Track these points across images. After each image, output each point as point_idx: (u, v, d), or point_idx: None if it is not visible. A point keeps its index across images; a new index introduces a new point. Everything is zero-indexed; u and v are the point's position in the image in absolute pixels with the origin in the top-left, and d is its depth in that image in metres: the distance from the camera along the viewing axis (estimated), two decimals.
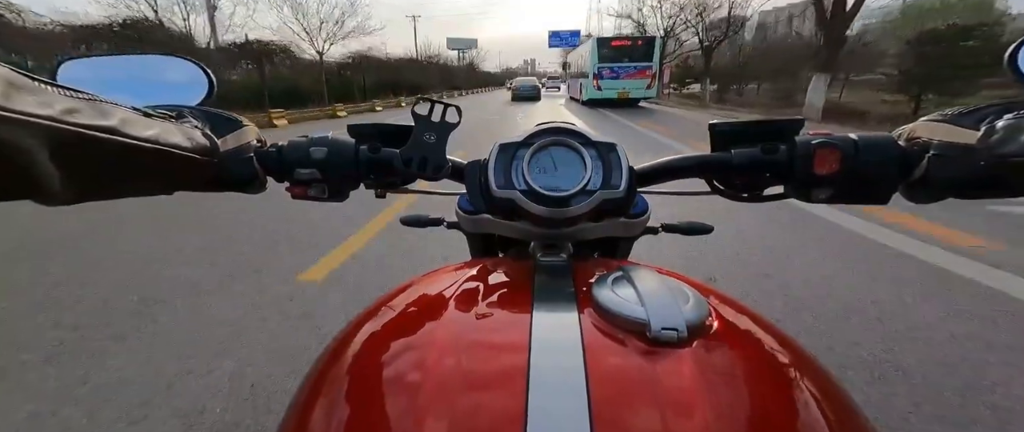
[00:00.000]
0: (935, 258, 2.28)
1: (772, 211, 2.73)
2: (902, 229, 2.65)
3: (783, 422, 0.27)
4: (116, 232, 2.93)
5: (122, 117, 0.27)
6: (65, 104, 0.23)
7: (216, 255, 2.55)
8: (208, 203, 3.21)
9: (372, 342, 0.35)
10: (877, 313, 1.81)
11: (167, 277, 2.26)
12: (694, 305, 0.32)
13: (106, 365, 1.57)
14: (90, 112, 0.25)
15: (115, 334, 1.76)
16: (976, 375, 1.43)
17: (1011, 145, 0.31)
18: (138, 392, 1.42)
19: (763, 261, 2.34)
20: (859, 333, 1.67)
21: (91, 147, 0.25)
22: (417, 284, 0.44)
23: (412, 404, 0.27)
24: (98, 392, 1.43)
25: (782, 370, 0.32)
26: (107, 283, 2.21)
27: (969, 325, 1.70)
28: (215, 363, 1.56)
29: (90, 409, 1.36)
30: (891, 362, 1.50)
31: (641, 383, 0.27)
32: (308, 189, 0.44)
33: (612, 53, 16.08)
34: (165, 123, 0.32)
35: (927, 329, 1.68)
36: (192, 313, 1.91)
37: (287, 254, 2.54)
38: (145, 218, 3.15)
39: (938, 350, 1.57)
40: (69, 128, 0.23)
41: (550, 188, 0.40)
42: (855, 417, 0.30)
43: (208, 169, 0.37)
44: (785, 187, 0.44)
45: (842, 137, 0.40)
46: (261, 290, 2.11)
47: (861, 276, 2.14)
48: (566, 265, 0.44)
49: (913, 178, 0.39)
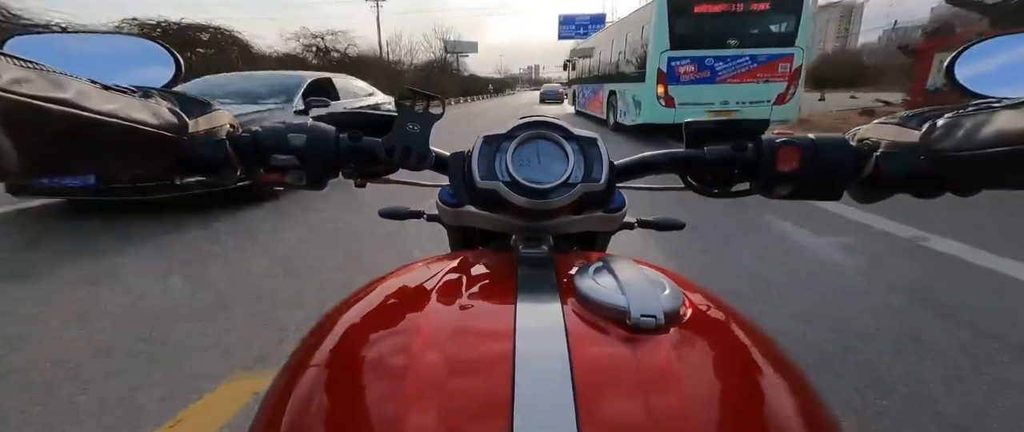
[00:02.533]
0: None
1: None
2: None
3: (751, 401, 0.29)
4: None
5: (78, 89, 0.26)
6: (13, 74, 0.22)
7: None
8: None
9: (352, 332, 0.34)
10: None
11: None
12: (670, 294, 0.33)
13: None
14: (42, 83, 0.24)
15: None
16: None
17: (948, 141, 0.34)
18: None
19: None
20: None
21: (43, 119, 0.24)
22: (398, 275, 0.43)
23: (397, 391, 0.27)
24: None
25: (749, 354, 0.34)
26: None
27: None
28: None
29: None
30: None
31: (622, 367, 0.28)
32: (284, 175, 0.43)
33: (699, 26, 7.27)
34: (128, 98, 0.31)
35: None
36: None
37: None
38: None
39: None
40: (18, 98, 0.22)
41: (533, 180, 0.41)
42: (813, 397, 0.31)
43: (175, 149, 0.36)
44: (751, 183, 0.46)
45: (802, 137, 0.43)
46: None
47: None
48: (548, 256, 0.44)
49: (863, 176, 0.41)
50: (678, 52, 7.29)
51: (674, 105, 7.47)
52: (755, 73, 7.30)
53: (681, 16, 7.20)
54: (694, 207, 3.08)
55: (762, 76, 7.31)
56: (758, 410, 0.28)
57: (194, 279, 2.29)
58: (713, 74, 7.36)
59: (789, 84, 7.27)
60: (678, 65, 7.35)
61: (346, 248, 2.74)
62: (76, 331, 1.79)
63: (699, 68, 7.35)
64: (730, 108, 7.47)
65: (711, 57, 7.28)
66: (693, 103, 7.45)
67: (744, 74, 7.33)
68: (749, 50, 7.21)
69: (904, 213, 3.06)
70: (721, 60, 7.29)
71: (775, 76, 7.28)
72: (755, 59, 7.24)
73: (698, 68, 7.35)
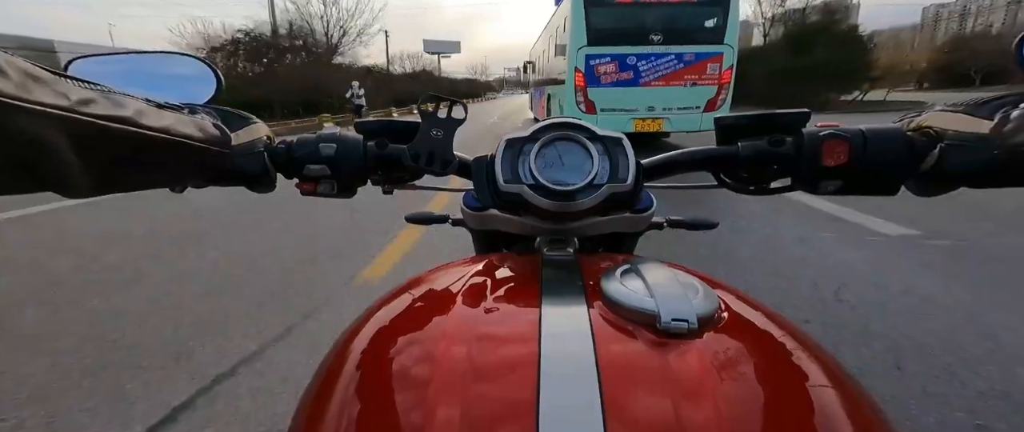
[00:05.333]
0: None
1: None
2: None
3: (796, 415, 0.26)
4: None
5: (136, 108, 0.28)
6: (81, 95, 0.24)
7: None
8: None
9: (382, 336, 0.35)
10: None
11: None
12: (704, 297, 0.31)
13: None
14: (105, 103, 0.25)
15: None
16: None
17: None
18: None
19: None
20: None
21: (107, 138, 0.25)
22: (424, 279, 0.43)
23: (425, 395, 0.26)
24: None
25: (795, 363, 0.31)
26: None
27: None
28: None
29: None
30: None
31: (652, 373, 0.27)
32: (317, 185, 0.45)
33: (619, 20, 6.29)
34: (177, 114, 0.33)
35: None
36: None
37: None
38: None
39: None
40: (86, 119, 0.23)
41: (557, 182, 0.40)
42: (872, 413, 0.28)
43: (220, 161, 0.38)
44: (792, 179, 0.44)
45: (850, 129, 0.40)
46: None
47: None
48: (573, 259, 0.42)
49: (923, 169, 0.39)
50: (597, 49, 6.30)
51: (595, 111, 6.45)
52: (682, 75, 6.32)
53: (599, 6, 6.20)
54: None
55: (690, 78, 6.33)
56: (803, 423, 0.26)
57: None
58: (636, 75, 6.37)
59: (719, 88, 6.30)
60: (598, 64, 6.36)
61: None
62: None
63: (621, 68, 6.36)
64: (657, 116, 6.50)
65: (634, 55, 6.30)
66: (616, 109, 6.46)
67: (671, 76, 6.34)
68: (675, 47, 6.22)
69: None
70: (645, 59, 6.30)
71: (704, 78, 6.30)
72: (681, 58, 6.25)
73: (620, 68, 6.36)
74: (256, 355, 1.66)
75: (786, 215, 3.26)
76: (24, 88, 0.20)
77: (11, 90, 0.19)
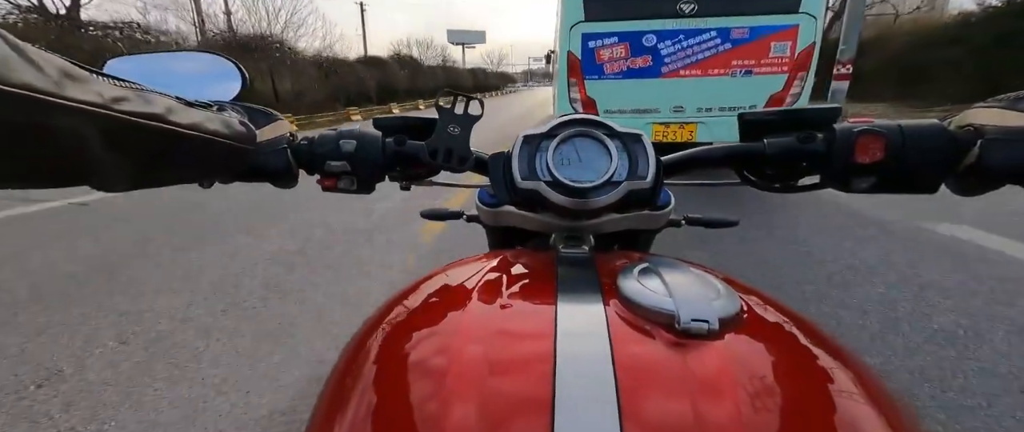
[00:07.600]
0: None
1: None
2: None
3: (821, 417, 0.26)
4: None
5: (166, 105, 0.29)
6: (115, 93, 0.25)
7: None
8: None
9: (399, 331, 0.35)
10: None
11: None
12: (724, 297, 0.31)
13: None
14: (138, 101, 0.26)
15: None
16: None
17: None
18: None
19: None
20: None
21: (139, 134, 0.26)
22: (440, 275, 0.43)
23: (441, 391, 0.27)
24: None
25: (821, 367, 0.30)
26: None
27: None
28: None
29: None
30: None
31: (670, 374, 0.27)
32: (338, 181, 0.46)
33: None
34: (206, 112, 0.34)
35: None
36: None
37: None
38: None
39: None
40: (120, 115, 0.25)
41: (574, 179, 0.40)
42: (900, 414, 0.27)
43: (245, 158, 0.39)
44: (822, 177, 0.43)
45: (887, 124, 0.39)
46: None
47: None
48: (589, 256, 0.43)
49: (964, 166, 0.38)
50: (599, 25, 4.23)
51: (595, 111, 4.40)
52: (728, 59, 4.16)
53: None
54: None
55: (741, 64, 4.18)
56: (827, 426, 0.25)
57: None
58: (658, 61, 4.27)
59: (791, 78, 4.12)
60: (599, 47, 4.29)
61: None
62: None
63: (634, 51, 4.26)
64: (687, 120, 4.39)
65: (653, 33, 4.19)
66: (626, 110, 4.40)
67: (710, 61, 4.20)
68: (716, 20, 4.08)
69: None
70: (670, 37, 4.18)
71: (764, 64, 4.13)
72: (727, 36, 4.09)
73: (632, 51, 4.27)
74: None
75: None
76: (61, 86, 0.21)
77: (49, 87, 0.21)
